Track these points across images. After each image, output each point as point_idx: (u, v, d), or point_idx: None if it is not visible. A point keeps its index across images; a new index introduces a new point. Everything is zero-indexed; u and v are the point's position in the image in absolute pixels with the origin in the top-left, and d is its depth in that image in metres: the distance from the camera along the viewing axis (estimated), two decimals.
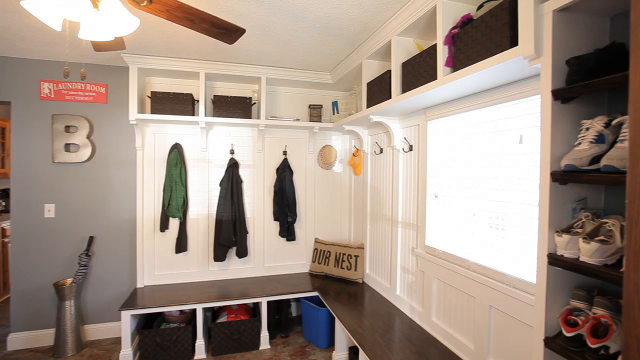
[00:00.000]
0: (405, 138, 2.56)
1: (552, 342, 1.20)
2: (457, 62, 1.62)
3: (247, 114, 3.12)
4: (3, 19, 2.16)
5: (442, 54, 1.69)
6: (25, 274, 2.94)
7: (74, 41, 2.48)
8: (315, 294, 3.01)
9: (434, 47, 1.77)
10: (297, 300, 3.55)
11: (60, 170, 2.99)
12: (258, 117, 3.20)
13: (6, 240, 3.99)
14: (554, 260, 1.19)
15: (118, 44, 1.89)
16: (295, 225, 3.47)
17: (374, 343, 2.09)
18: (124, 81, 3.02)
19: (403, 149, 2.59)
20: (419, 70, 1.91)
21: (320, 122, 3.40)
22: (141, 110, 2.96)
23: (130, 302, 2.75)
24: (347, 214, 3.67)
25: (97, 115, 3.05)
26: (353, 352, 2.63)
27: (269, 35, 2.38)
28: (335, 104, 3.44)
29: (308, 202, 3.57)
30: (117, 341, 2.99)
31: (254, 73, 3.08)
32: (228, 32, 1.71)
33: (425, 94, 1.85)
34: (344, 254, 3.28)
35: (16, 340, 2.94)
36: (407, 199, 2.55)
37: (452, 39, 1.66)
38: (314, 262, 3.48)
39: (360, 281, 3.19)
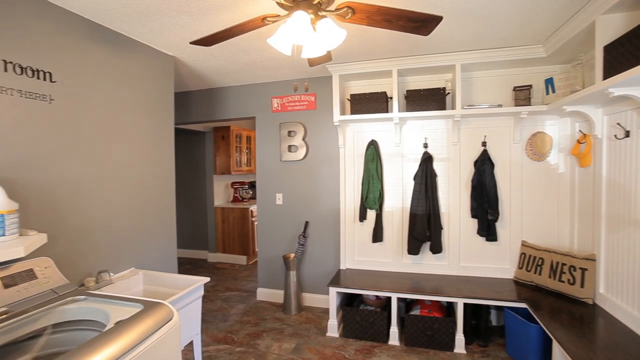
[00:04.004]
0: None
1: None
2: None
3: (440, 106, 3.01)
4: (253, 56, 2.91)
5: None
6: (265, 246, 3.90)
7: (295, 62, 3.07)
8: (523, 305, 2.59)
9: None
10: (498, 308, 3.16)
11: (285, 166, 3.78)
12: (453, 108, 3.02)
13: (253, 219, 5.42)
14: None
15: (327, 57, 2.20)
16: (497, 224, 3.09)
17: None
18: (328, 89, 3.50)
19: None
20: None
21: (529, 105, 2.88)
22: (342, 112, 3.35)
23: (336, 280, 3.17)
24: (568, 215, 2.96)
25: (309, 120, 3.67)
26: None
27: (466, 16, 2.20)
28: (549, 81, 2.83)
29: (513, 199, 3.10)
30: (325, 311, 3.53)
31: (447, 62, 2.93)
32: (424, 24, 1.68)
33: None
34: (563, 264, 2.67)
35: (262, 293, 3.96)
36: None
37: None
38: (520, 268, 3.00)
39: (590, 302, 2.52)
